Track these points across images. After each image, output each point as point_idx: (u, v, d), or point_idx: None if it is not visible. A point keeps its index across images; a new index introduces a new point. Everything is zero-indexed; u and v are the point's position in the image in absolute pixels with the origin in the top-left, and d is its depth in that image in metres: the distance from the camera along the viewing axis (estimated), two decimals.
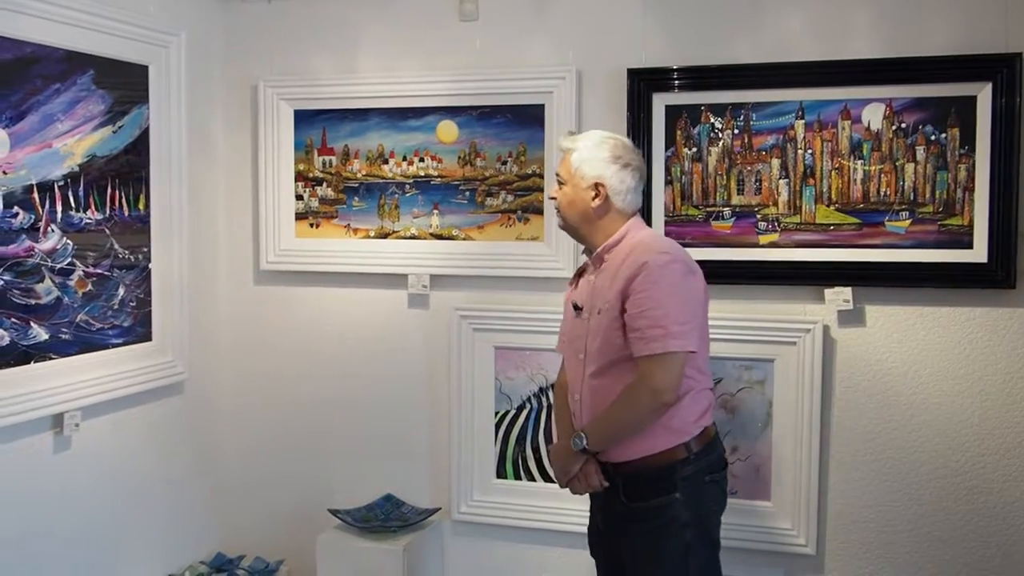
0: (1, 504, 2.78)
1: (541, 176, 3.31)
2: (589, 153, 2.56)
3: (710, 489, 2.54)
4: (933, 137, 2.96)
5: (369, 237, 3.52)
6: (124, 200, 3.15)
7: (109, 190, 3.10)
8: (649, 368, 2.40)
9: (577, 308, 2.61)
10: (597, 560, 2.76)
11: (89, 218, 3.03)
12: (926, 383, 3.04)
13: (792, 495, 3.11)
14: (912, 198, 2.98)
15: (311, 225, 3.58)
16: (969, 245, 2.94)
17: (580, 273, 2.72)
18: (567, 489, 2.63)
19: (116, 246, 3.13)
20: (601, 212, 2.56)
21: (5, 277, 2.74)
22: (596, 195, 2.55)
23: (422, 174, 3.45)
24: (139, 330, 3.22)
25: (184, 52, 3.33)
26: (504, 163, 3.36)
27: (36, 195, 2.83)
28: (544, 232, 3.32)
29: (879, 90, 2.99)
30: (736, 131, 3.12)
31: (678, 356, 2.39)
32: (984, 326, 2.98)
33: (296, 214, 3.59)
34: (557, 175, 2.65)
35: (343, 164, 3.53)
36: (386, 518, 3.45)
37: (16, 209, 2.77)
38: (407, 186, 3.47)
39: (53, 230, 2.90)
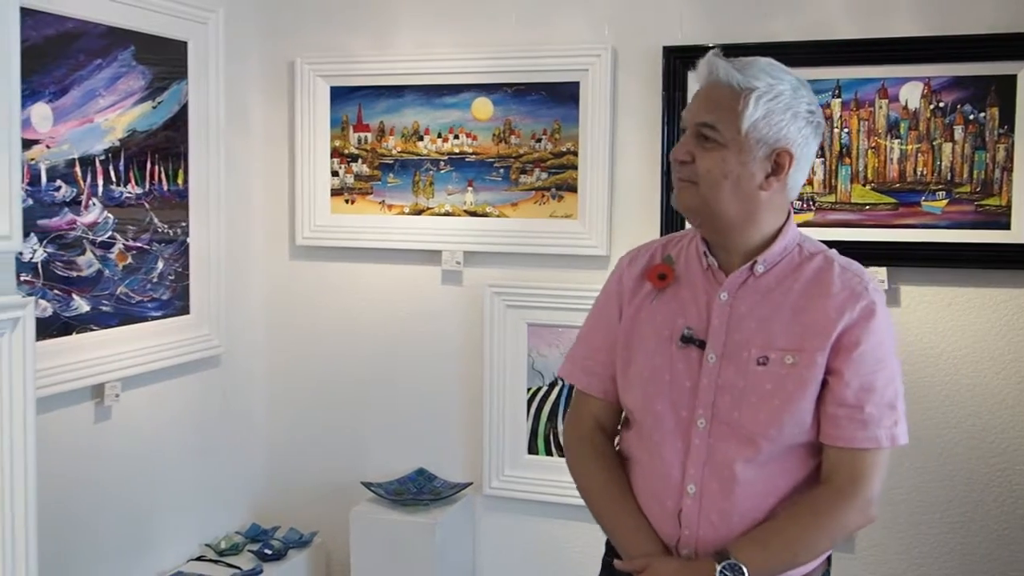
0: (43, 471, 2.82)
1: (575, 154, 3.32)
2: (778, 102, 1.67)
3: None
4: (972, 116, 2.93)
5: (403, 213, 3.54)
6: (163, 175, 3.19)
7: (149, 165, 3.14)
8: (868, 467, 1.64)
9: (692, 341, 1.69)
10: None
11: (129, 192, 3.07)
12: (960, 364, 3.02)
13: None
14: (949, 178, 2.96)
15: (346, 201, 3.61)
16: (1007, 226, 2.91)
17: (662, 274, 1.75)
18: None
19: (155, 220, 3.17)
20: (772, 196, 1.68)
21: (48, 250, 2.79)
22: (774, 171, 1.67)
23: (457, 151, 3.47)
24: (177, 303, 3.27)
25: (222, 28, 3.36)
26: (539, 141, 3.37)
27: (78, 169, 2.87)
28: (577, 210, 3.33)
29: (917, 68, 2.96)
30: None
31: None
32: (1020, 307, 2.95)
33: (332, 190, 3.62)
34: (705, 125, 1.69)
35: (378, 141, 3.55)
36: (418, 491, 3.49)
37: (58, 183, 2.81)
38: (442, 163, 3.49)
39: (94, 204, 2.94)
